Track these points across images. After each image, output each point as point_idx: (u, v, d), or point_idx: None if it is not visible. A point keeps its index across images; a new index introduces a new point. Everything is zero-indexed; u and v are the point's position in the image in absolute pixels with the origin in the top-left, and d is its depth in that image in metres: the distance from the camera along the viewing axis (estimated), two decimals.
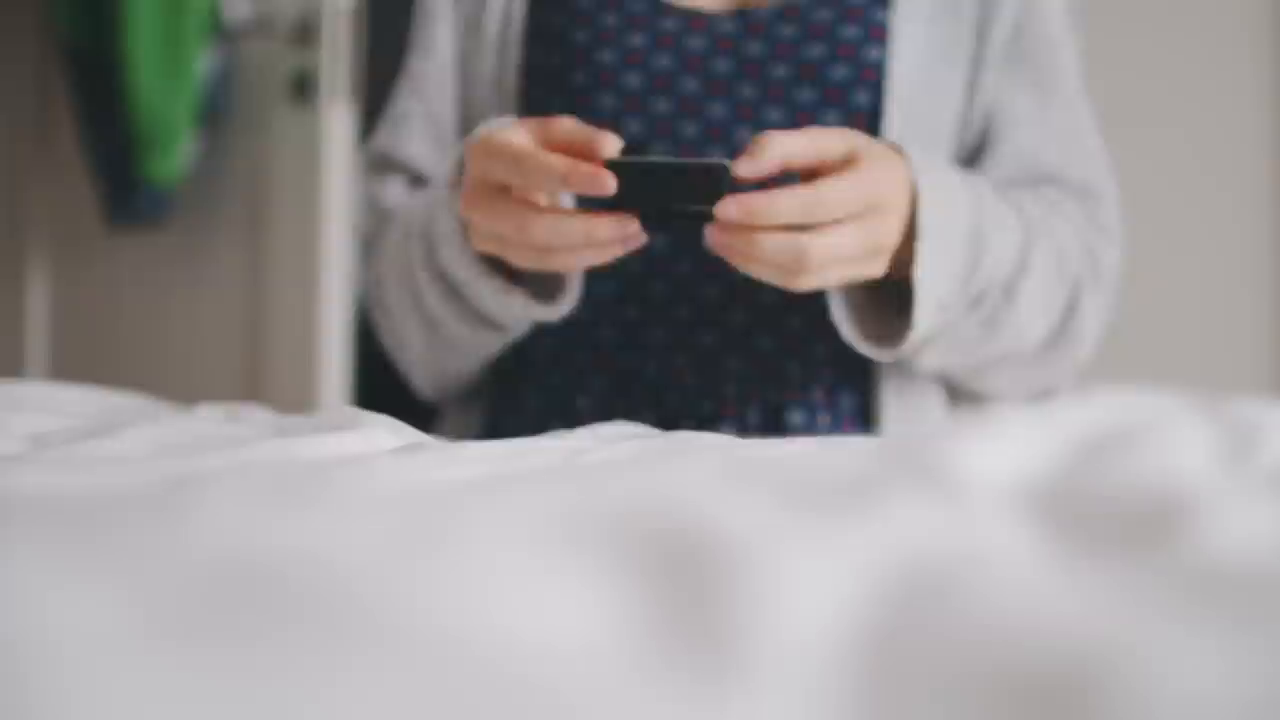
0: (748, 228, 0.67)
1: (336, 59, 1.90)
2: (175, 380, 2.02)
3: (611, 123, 0.86)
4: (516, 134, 0.69)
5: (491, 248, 0.72)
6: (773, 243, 0.67)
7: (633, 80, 0.86)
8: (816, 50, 0.85)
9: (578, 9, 0.88)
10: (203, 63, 1.93)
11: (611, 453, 0.53)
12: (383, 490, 0.39)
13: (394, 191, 0.93)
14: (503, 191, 0.70)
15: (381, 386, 0.94)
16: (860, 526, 0.32)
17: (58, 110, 2.17)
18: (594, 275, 0.85)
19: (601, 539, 0.30)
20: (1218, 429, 0.42)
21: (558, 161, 0.66)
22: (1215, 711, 0.23)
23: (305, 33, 1.92)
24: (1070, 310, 0.83)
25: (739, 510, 0.32)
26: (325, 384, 1.91)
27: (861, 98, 0.84)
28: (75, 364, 2.17)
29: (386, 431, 0.61)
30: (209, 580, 0.27)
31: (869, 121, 0.84)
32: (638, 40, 0.87)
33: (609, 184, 0.65)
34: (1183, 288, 1.94)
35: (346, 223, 1.94)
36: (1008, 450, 0.39)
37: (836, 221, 0.68)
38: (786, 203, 0.66)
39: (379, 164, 0.95)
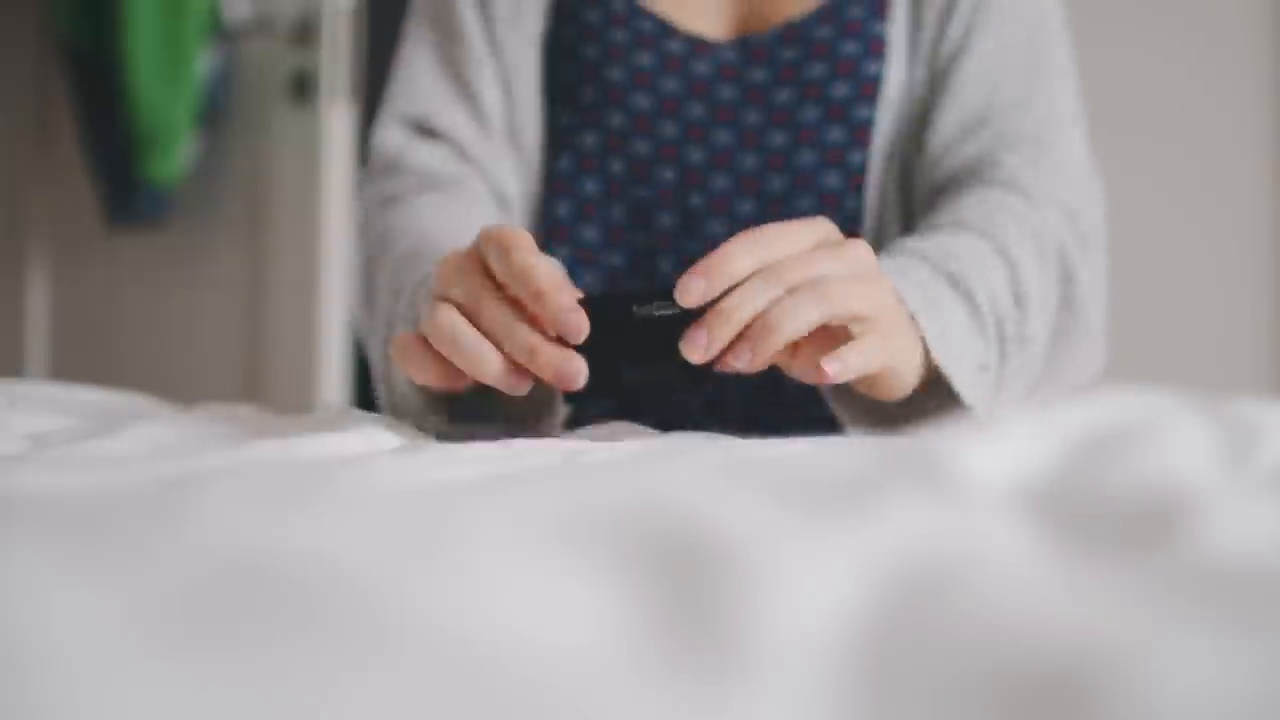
0: (720, 312, 0.57)
1: (336, 59, 1.90)
2: (175, 380, 2.02)
3: (620, 141, 0.87)
4: (527, 243, 0.61)
5: (431, 326, 0.61)
6: (748, 292, 0.57)
7: (641, 101, 0.87)
8: (818, 69, 0.86)
9: (586, 23, 0.89)
10: (203, 63, 1.93)
11: (611, 453, 0.53)
12: (383, 490, 0.39)
13: (428, 155, 0.89)
14: (484, 269, 0.62)
15: None
16: (860, 526, 0.32)
17: (58, 110, 2.17)
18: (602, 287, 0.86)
19: (601, 539, 0.30)
20: (1218, 429, 0.42)
21: (547, 282, 0.57)
22: (1215, 711, 0.23)
23: (305, 33, 1.92)
24: (1067, 280, 0.80)
25: (739, 510, 0.32)
26: (325, 384, 1.92)
27: (863, 112, 0.85)
28: (75, 364, 2.17)
29: (385, 431, 0.61)
30: (209, 580, 0.27)
31: (870, 135, 0.85)
32: (645, 60, 0.87)
33: (581, 328, 0.57)
34: (1183, 288, 1.94)
35: (346, 223, 1.94)
36: (1007, 450, 0.39)
37: (807, 254, 0.60)
38: (739, 244, 0.58)
39: (414, 126, 0.91)
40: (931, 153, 0.85)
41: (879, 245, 0.86)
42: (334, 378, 1.92)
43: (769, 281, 0.57)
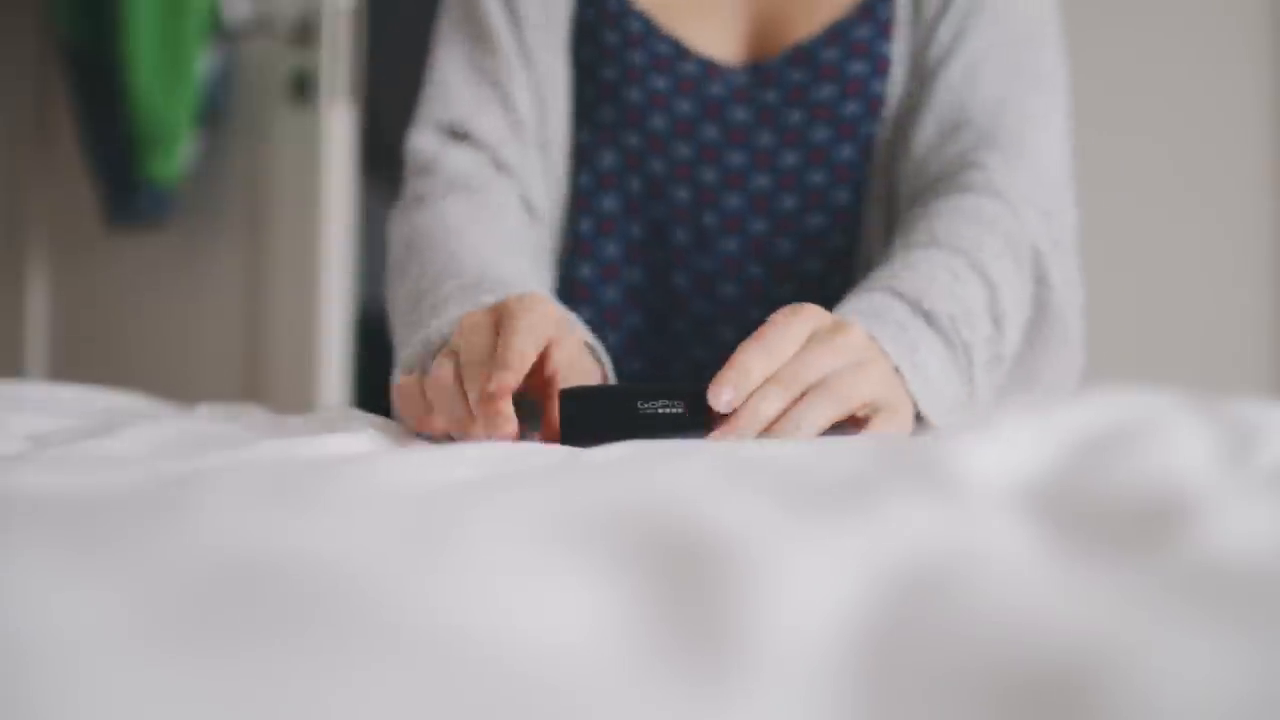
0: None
1: (336, 59, 1.90)
2: (175, 380, 2.02)
3: (638, 160, 0.89)
4: (537, 329, 0.63)
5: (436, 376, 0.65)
6: (768, 397, 0.60)
7: (658, 122, 0.89)
8: (827, 90, 0.88)
9: (605, 43, 0.90)
10: (203, 63, 1.93)
11: (611, 453, 0.53)
12: (384, 490, 0.39)
13: (460, 158, 0.90)
14: (495, 332, 0.65)
15: (381, 387, 0.94)
16: (859, 525, 0.32)
17: (58, 110, 2.17)
18: (620, 310, 0.89)
19: (601, 538, 0.30)
20: (1218, 429, 0.42)
21: (512, 361, 0.60)
22: (1215, 711, 0.23)
23: (305, 33, 1.92)
24: (1041, 282, 0.81)
25: (738, 509, 0.32)
26: (325, 384, 1.92)
27: (870, 129, 0.87)
28: (75, 364, 2.17)
29: (382, 433, 0.61)
30: (210, 580, 0.27)
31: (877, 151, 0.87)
32: (661, 83, 0.89)
33: (499, 421, 0.59)
34: (1183, 288, 1.94)
35: (346, 223, 1.94)
36: (1007, 449, 0.39)
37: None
38: (750, 356, 0.61)
39: (448, 131, 0.92)
40: (915, 155, 0.86)
41: (868, 254, 0.87)
42: (334, 378, 1.92)
43: (783, 388, 0.60)
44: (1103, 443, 0.39)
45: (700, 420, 0.60)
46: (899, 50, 0.88)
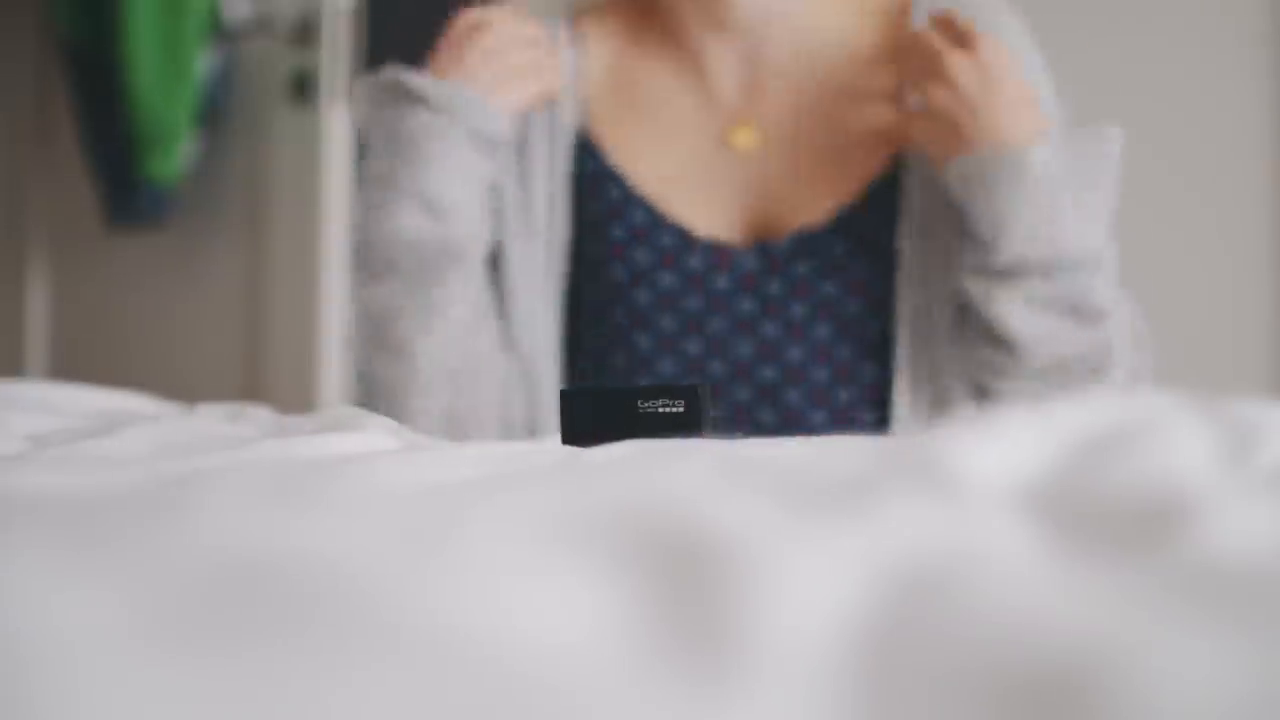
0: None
1: (336, 59, 1.90)
2: (175, 380, 2.01)
3: (647, 361, 0.90)
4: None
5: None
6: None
7: (667, 322, 0.90)
8: (829, 287, 0.88)
9: (612, 239, 0.91)
10: (203, 63, 1.93)
11: (611, 453, 0.53)
12: (384, 490, 0.39)
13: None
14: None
15: None
16: (859, 525, 0.32)
17: (58, 110, 2.17)
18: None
19: (601, 538, 0.30)
20: (1218, 429, 0.42)
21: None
22: (1215, 711, 0.23)
23: (305, 33, 1.92)
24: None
25: (738, 509, 0.32)
26: (325, 384, 1.91)
27: (873, 327, 0.88)
28: (75, 364, 2.17)
29: (385, 433, 0.61)
30: (210, 580, 0.27)
31: (879, 346, 0.88)
32: (667, 280, 0.90)
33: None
34: (1183, 288, 1.94)
35: (346, 223, 1.94)
36: (1007, 449, 0.39)
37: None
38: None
39: None
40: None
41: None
42: (334, 378, 1.92)
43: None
44: (1103, 443, 0.39)
45: (699, 419, 0.60)
46: (907, 243, 0.88)
